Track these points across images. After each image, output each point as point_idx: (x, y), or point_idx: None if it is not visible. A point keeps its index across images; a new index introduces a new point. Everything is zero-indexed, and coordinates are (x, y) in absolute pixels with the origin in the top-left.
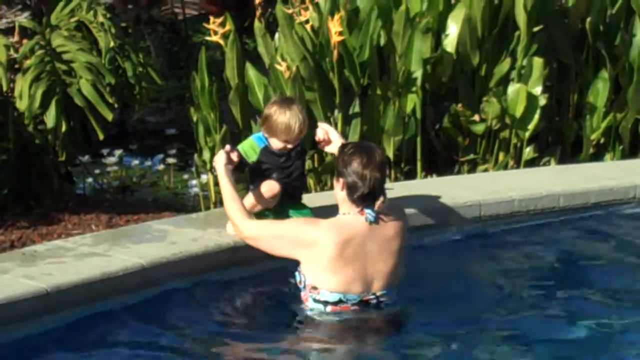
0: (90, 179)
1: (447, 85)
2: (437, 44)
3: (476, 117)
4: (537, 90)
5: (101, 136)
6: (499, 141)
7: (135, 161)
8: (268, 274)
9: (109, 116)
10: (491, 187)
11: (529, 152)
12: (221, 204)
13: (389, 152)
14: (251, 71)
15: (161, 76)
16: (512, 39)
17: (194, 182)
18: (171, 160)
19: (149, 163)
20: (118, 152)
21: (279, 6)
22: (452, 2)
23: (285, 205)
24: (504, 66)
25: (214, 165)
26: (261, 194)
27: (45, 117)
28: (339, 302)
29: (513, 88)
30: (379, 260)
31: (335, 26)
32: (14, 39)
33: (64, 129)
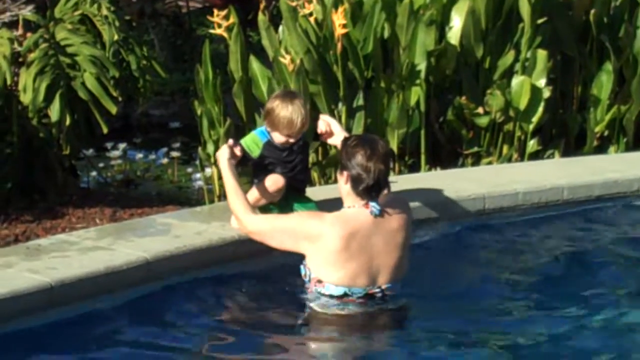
0: (94, 173)
1: (451, 78)
2: (441, 36)
3: (480, 110)
4: (541, 82)
5: (105, 129)
6: (503, 134)
7: (139, 154)
8: (272, 268)
9: (113, 109)
10: (495, 180)
11: (533, 144)
12: (225, 197)
13: (393, 145)
14: (255, 64)
15: (165, 69)
16: (516, 31)
17: (198, 176)
18: (175, 154)
19: (153, 156)
20: (122, 145)
21: None
22: None
23: (289, 199)
24: (508, 58)
25: (217, 159)
26: (266, 188)
27: (49, 110)
28: (344, 295)
29: (517, 80)
30: (384, 254)
31: (339, 19)
32: (18, 32)
33: (68, 122)
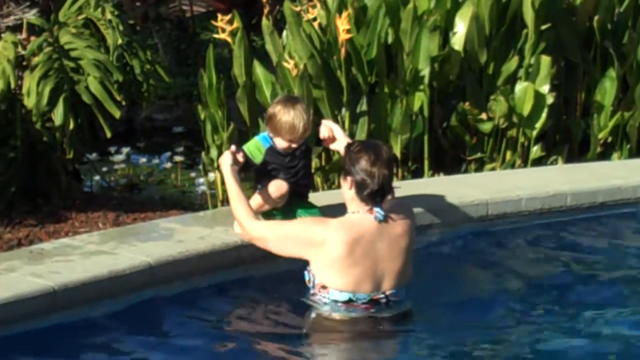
0: (97, 177)
1: (454, 84)
2: (445, 42)
3: (483, 116)
4: (545, 88)
5: (109, 134)
6: (506, 140)
7: (143, 159)
8: (276, 273)
9: (117, 114)
10: (498, 186)
11: (536, 150)
12: (228, 202)
13: (397, 151)
14: (259, 69)
15: (169, 74)
16: (520, 37)
17: (202, 180)
18: (178, 158)
19: (156, 161)
20: (125, 149)
21: (287, 4)
22: (460, 0)
23: (293, 204)
24: (511, 64)
25: (219, 165)
26: (269, 193)
27: (53, 114)
28: (348, 301)
29: (520, 86)
30: (388, 259)
31: (342, 24)
32: (22, 36)
33: (71, 126)
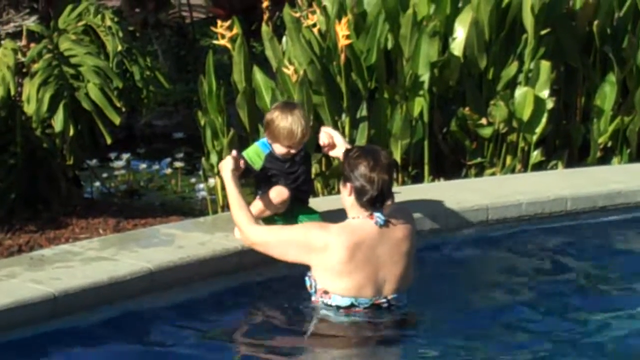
0: (97, 183)
1: (454, 89)
2: (445, 47)
3: (483, 121)
4: (545, 93)
5: (109, 140)
6: (506, 145)
7: (143, 165)
8: (277, 279)
9: (117, 120)
10: (498, 191)
11: (536, 155)
12: (229, 207)
13: (397, 156)
14: (259, 75)
15: (169, 80)
16: (520, 42)
17: (202, 186)
18: (179, 164)
19: (156, 167)
20: (125, 156)
21: (287, 10)
22: (460, 5)
23: (294, 210)
24: (511, 69)
25: (219, 170)
26: (270, 199)
27: (53, 121)
28: (350, 306)
29: (520, 91)
30: (389, 264)
31: (342, 30)
32: (22, 42)
33: (71, 132)
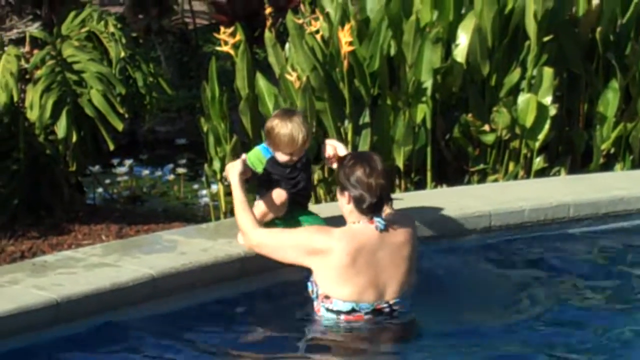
0: (100, 189)
1: (457, 95)
2: (447, 53)
3: (486, 127)
4: (547, 100)
5: (112, 146)
6: (509, 151)
7: (146, 171)
8: (279, 285)
9: (120, 126)
10: (501, 197)
11: (539, 162)
12: (231, 214)
13: (399, 162)
14: (261, 81)
15: (171, 86)
16: (522, 49)
17: (204, 192)
18: (181, 170)
19: (159, 173)
20: (128, 162)
21: (290, 16)
22: (462, 12)
23: (294, 213)
24: (514, 76)
25: (225, 174)
26: (269, 202)
27: (56, 127)
28: (352, 311)
29: (523, 98)
30: (390, 268)
31: (345, 36)
32: (25, 49)
33: (74, 139)
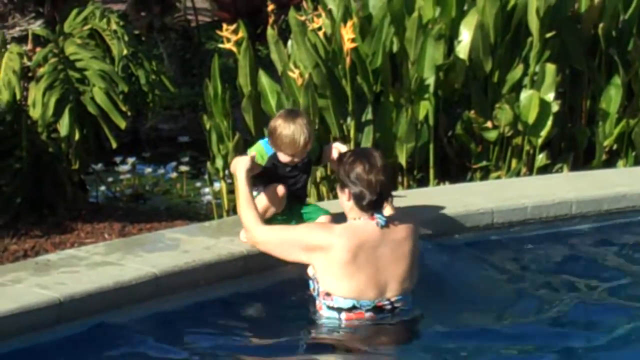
0: (103, 187)
1: (459, 92)
2: (450, 50)
3: (489, 124)
4: (550, 96)
5: (114, 144)
6: (511, 148)
7: (148, 169)
8: (281, 282)
9: (122, 124)
10: (504, 194)
11: (541, 158)
12: (234, 212)
13: (402, 159)
14: (264, 78)
15: (174, 83)
16: (525, 45)
17: (207, 190)
18: (184, 168)
19: (161, 171)
20: (131, 160)
21: (292, 13)
22: (465, 8)
23: (294, 209)
24: (516, 72)
25: (232, 169)
26: (268, 197)
27: (58, 125)
28: (352, 308)
29: (526, 94)
30: (391, 264)
31: (347, 33)
32: (28, 47)
33: (77, 137)
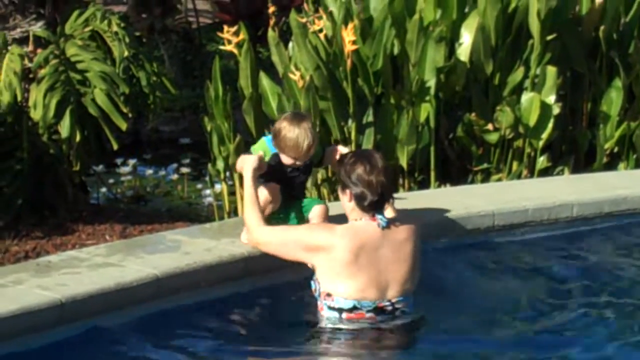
0: (104, 189)
1: (460, 94)
2: (451, 52)
3: (490, 126)
4: (551, 99)
5: (115, 146)
6: (512, 150)
7: (149, 171)
8: (283, 284)
9: (123, 126)
10: (505, 197)
11: (542, 161)
12: (235, 213)
13: (403, 162)
14: (265, 80)
15: (175, 85)
16: (526, 48)
17: (208, 192)
18: (185, 170)
19: (162, 172)
20: (132, 161)
21: (293, 15)
22: (466, 10)
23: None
24: (517, 75)
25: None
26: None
27: (59, 126)
28: (353, 308)
29: (527, 97)
30: (392, 265)
31: (348, 35)
32: (29, 48)
33: (78, 138)
